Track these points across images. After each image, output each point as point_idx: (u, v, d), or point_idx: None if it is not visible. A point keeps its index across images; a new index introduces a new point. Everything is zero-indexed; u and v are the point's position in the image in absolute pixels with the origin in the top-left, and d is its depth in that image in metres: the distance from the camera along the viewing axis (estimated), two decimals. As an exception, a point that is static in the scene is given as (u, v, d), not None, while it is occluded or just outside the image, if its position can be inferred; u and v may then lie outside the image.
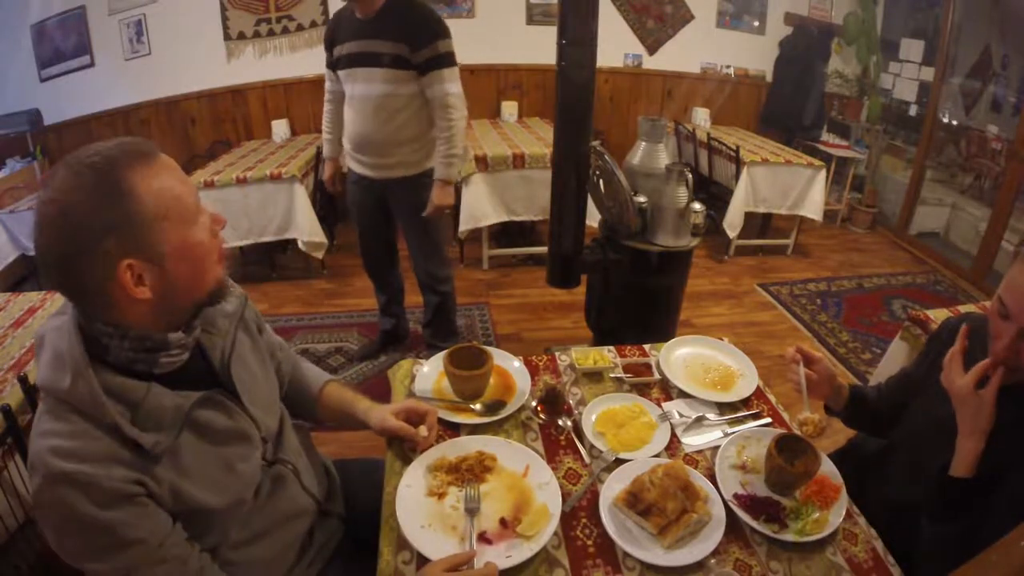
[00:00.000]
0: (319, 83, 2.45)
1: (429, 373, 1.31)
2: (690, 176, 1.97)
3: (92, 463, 0.70)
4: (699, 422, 1.20)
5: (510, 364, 1.32)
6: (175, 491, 0.77)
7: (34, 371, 1.42)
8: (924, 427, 1.09)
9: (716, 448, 1.12)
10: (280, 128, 4.18)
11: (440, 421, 1.14)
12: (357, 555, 1.07)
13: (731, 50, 4.59)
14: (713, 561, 0.91)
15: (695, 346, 1.44)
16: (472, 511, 0.95)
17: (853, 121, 4.62)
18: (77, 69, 3.92)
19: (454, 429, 1.16)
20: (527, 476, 1.03)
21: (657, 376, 1.34)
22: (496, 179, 3.38)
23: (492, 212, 3.43)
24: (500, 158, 3.34)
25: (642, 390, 1.30)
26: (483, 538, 0.92)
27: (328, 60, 2.20)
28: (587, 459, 1.10)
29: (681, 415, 1.21)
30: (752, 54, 4.63)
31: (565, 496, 1.00)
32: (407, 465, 1.05)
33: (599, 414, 1.21)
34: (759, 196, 3.75)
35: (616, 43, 4.21)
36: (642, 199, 2.02)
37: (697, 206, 2.03)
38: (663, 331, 2.18)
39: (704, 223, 2.07)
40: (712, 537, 0.93)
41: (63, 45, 3.87)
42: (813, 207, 3.76)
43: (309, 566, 1.01)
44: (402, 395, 1.26)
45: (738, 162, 3.63)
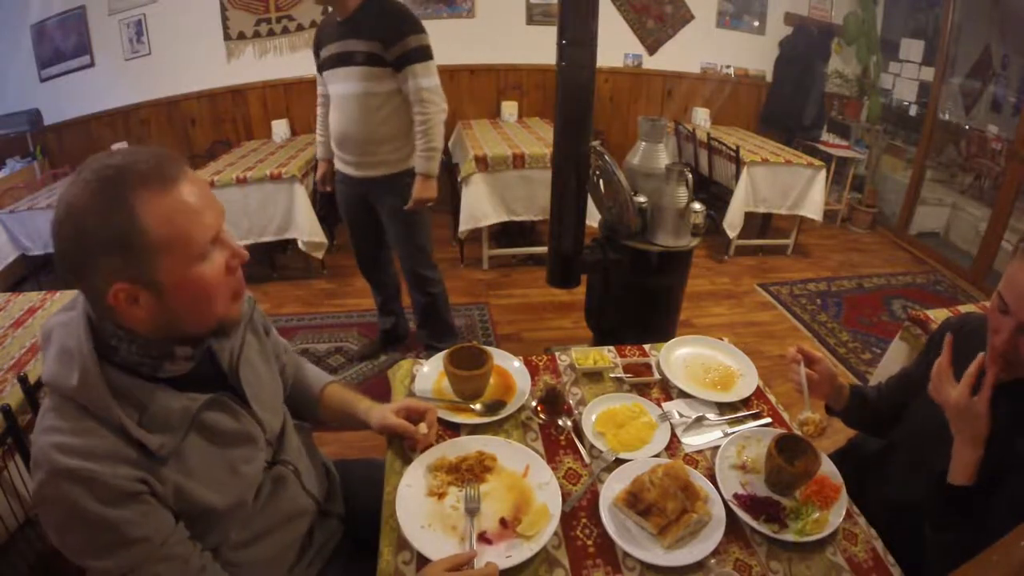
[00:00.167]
0: (319, 83, 2.46)
1: (429, 373, 1.31)
2: (690, 176, 1.97)
3: (97, 461, 0.70)
4: (699, 422, 1.20)
5: (510, 364, 1.32)
6: (179, 491, 0.77)
7: (34, 371, 1.43)
8: (924, 427, 1.08)
9: (716, 448, 1.12)
10: (280, 128, 4.18)
11: (440, 421, 1.14)
12: (357, 555, 1.07)
13: (731, 50, 4.60)
14: (713, 561, 0.91)
15: (695, 346, 1.44)
16: (472, 511, 0.95)
17: (853, 121, 4.62)
18: (77, 69, 3.92)
19: (454, 429, 1.16)
20: (527, 476, 1.03)
21: (657, 376, 1.34)
22: (496, 179, 3.38)
23: (492, 212, 3.43)
24: (500, 158, 3.34)
25: (642, 390, 1.30)
26: (483, 538, 0.92)
27: (316, 64, 2.25)
28: (587, 459, 1.10)
29: (681, 415, 1.21)
30: (752, 54, 4.63)
31: (565, 496, 1.00)
32: (407, 465, 1.05)
33: (599, 414, 1.21)
34: (759, 196, 3.75)
35: (616, 43, 4.21)
36: (642, 199, 2.02)
37: (697, 206, 2.03)
38: (663, 331, 2.18)
39: (704, 223, 2.07)
40: (712, 537, 0.93)
41: (63, 45, 3.87)
42: (813, 207, 3.77)
43: (309, 566, 1.01)
44: (402, 395, 1.26)
45: (738, 162, 3.63)
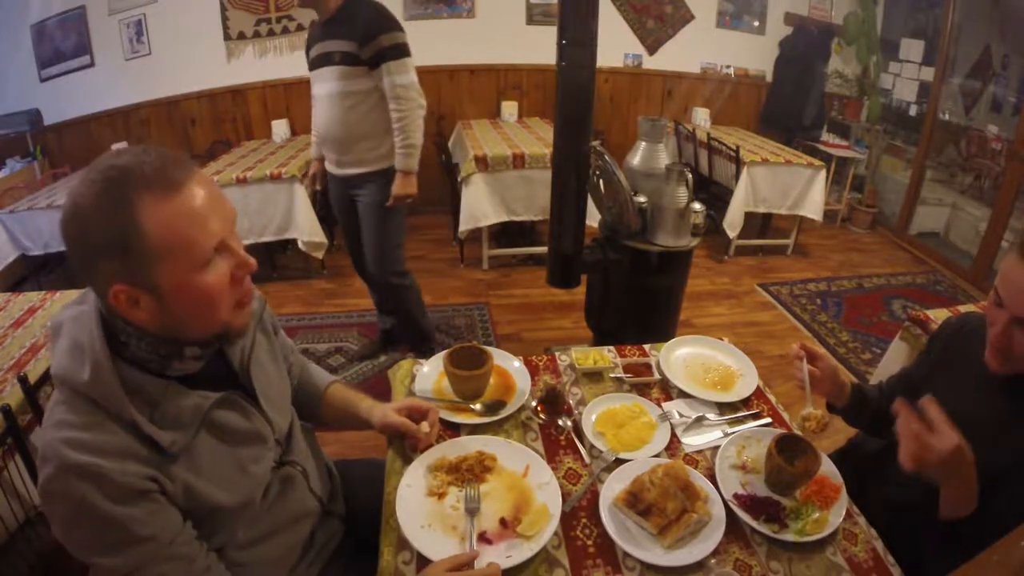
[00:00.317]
0: (319, 83, 2.46)
1: (429, 373, 1.31)
2: (690, 176, 1.97)
3: (107, 457, 0.69)
4: (699, 422, 1.20)
5: (510, 364, 1.32)
6: (188, 489, 0.76)
7: (34, 371, 1.43)
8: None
9: (716, 448, 1.12)
10: (280, 128, 4.18)
11: (440, 421, 1.14)
12: (357, 555, 1.07)
13: (731, 50, 4.60)
14: (713, 561, 0.91)
15: (695, 346, 1.44)
16: (472, 511, 0.95)
17: (853, 121, 4.62)
18: (77, 69, 3.92)
19: (454, 429, 1.16)
20: (527, 476, 1.03)
21: (657, 376, 1.34)
22: (496, 179, 3.39)
23: (492, 212, 3.43)
24: (500, 158, 3.34)
25: (642, 390, 1.30)
26: (483, 538, 0.92)
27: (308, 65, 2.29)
28: (587, 459, 1.10)
29: (681, 415, 1.21)
30: (752, 54, 4.63)
31: (565, 496, 1.00)
32: (407, 465, 1.05)
33: (599, 414, 1.21)
34: (759, 196, 3.75)
35: (616, 43, 4.19)
36: (642, 199, 2.02)
37: (697, 206, 2.03)
38: (663, 331, 2.18)
39: (704, 223, 2.07)
40: (712, 537, 0.93)
41: (63, 45, 3.87)
42: (813, 207, 3.77)
43: (310, 566, 1.01)
44: (402, 395, 1.26)
45: (738, 162, 3.63)
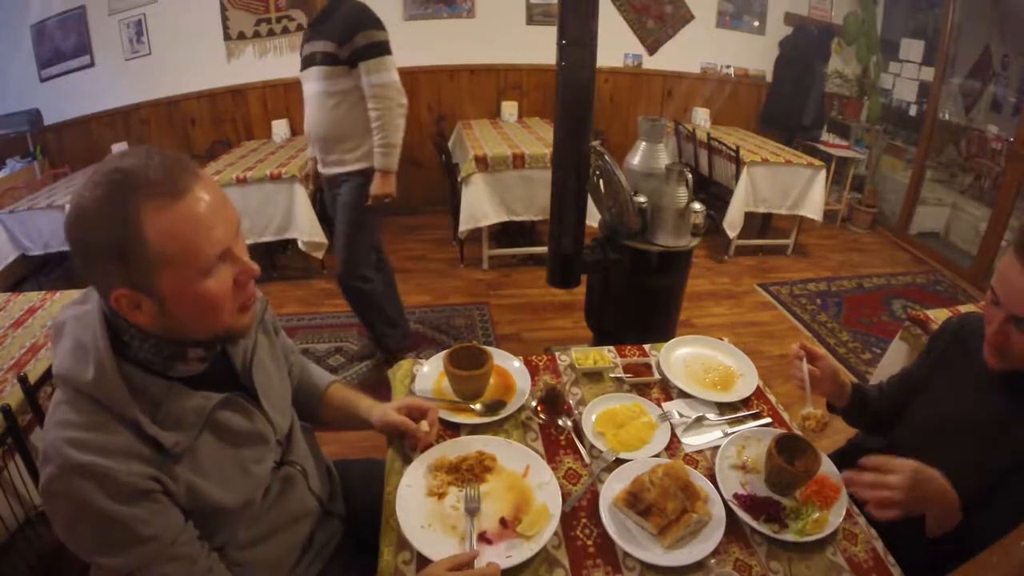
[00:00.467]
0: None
1: (429, 373, 1.31)
2: (690, 176, 1.97)
3: (110, 457, 0.69)
4: (699, 422, 1.20)
5: (510, 364, 1.32)
6: (191, 490, 0.76)
7: (34, 371, 1.43)
8: (924, 427, 1.09)
9: (716, 448, 1.12)
10: (280, 128, 4.18)
11: (440, 421, 1.14)
12: (357, 555, 1.07)
13: (731, 50, 4.60)
14: (713, 561, 0.91)
15: (695, 346, 1.44)
16: (472, 511, 0.95)
17: (853, 121, 4.62)
18: (77, 69, 3.92)
19: (454, 429, 1.16)
20: (527, 476, 1.03)
21: (657, 376, 1.34)
22: (496, 179, 3.38)
23: (492, 212, 3.43)
24: (500, 158, 3.34)
25: (642, 390, 1.30)
26: (483, 538, 0.92)
27: None
28: (587, 459, 1.10)
29: (681, 415, 1.21)
30: (752, 54, 4.63)
31: (565, 496, 1.00)
32: (407, 465, 1.05)
33: (599, 414, 1.21)
34: (759, 196, 3.75)
35: (616, 43, 4.20)
36: (642, 199, 2.02)
37: (697, 206, 2.03)
38: (663, 331, 2.18)
39: (704, 223, 2.07)
40: (712, 537, 0.93)
41: (63, 45, 3.87)
42: (813, 207, 3.77)
43: (309, 566, 1.01)
44: (402, 395, 1.26)
45: (738, 162, 3.63)
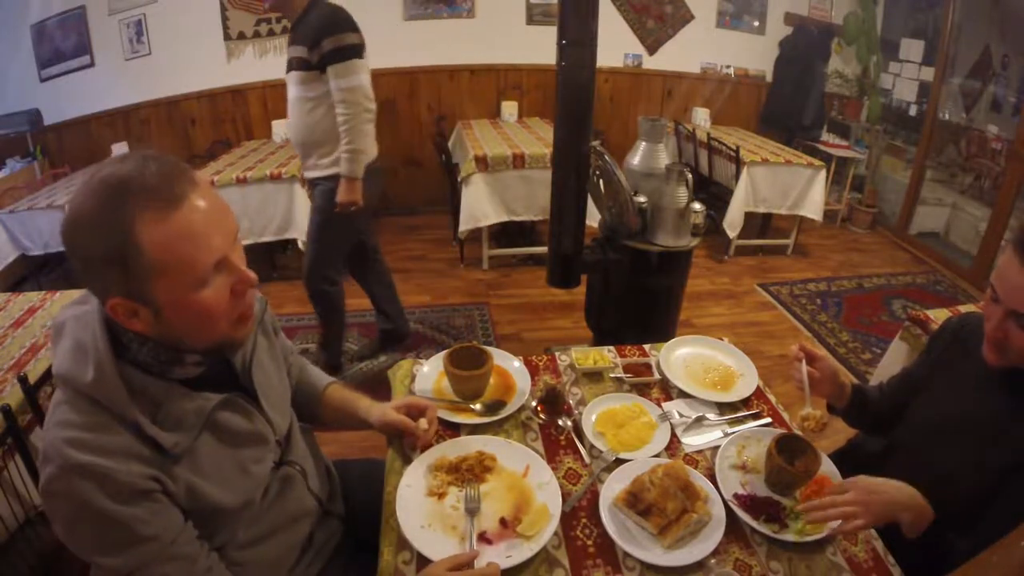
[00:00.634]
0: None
1: (429, 373, 1.31)
2: (690, 176, 1.97)
3: (110, 457, 0.69)
4: (699, 422, 1.20)
5: (510, 364, 1.32)
6: (191, 490, 0.77)
7: (34, 371, 1.43)
8: (924, 427, 1.09)
9: (716, 448, 1.12)
10: (280, 128, 4.16)
11: (440, 421, 1.14)
12: (357, 555, 1.07)
13: (731, 50, 4.59)
14: (713, 561, 0.91)
15: (695, 346, 1.44)
16: (472, 511, 0.95)
17: (853, 121, 4.62)
18: (77, 69, 3.91)
19: (454, 429, 1.16)
20: (527, 476, 1.03)
21: (657, 376, 1.34)
22: (496, 179, 3.38)
23: (492, 212, 3.43)
24: (500, 158, 3.34)
25: (642, 390, 1.30)
26: (483, 538, 0.92)
27: None
28: (587, 459, 1.10)
29: (681, 415, 1.21)
30: (752, 54, 4.63)
31: (565, 496, 1.00)
32: (407, 464, 1.05)
33: (599, 414, 1.21)
34: (759, 196, 3.75)
35: (616, 43, 4.20)
36: (642, 199, 2.02)
37: (697, 206, 2.03)
38: (663, 331, 2.18)
39: (704, 223, 2.07)
40: (712, 537, 0.93)
41: (63, 45, 3.87)
42: (813, 207, 3.77)
43: (309, 566, 1.01)
44: (402, 395, 1.26)
45: (738, 162, 3.63)
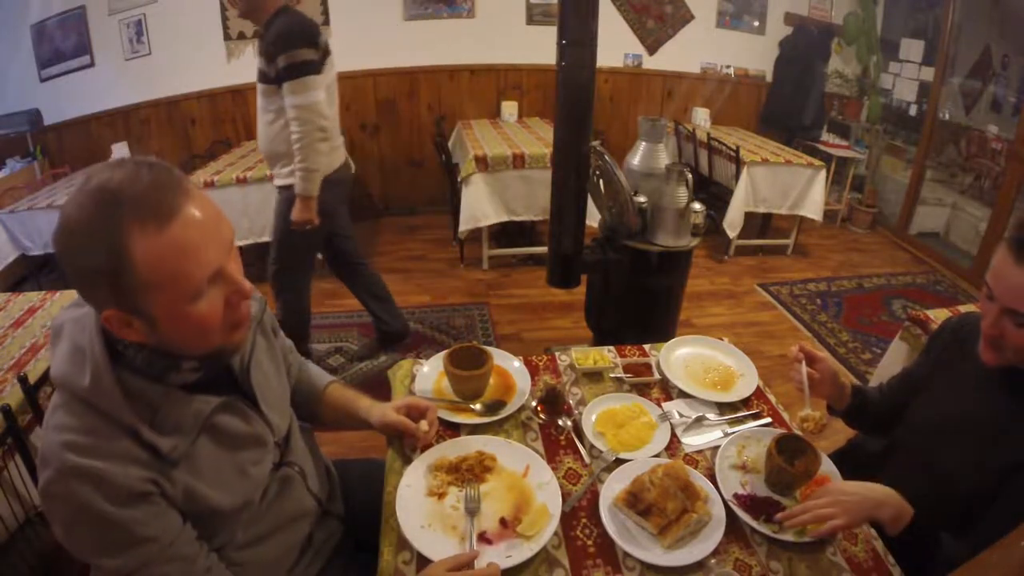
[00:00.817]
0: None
1: (429, 373, 1.31)
2: (690, 176, 1.97)
3: (107, 460, 0.69)
4: (699, 422, 1.20)
5: (510, 364, 1.32)
6: (189, 492, 0.76)
7: (34, 371, 1.43)
8: (924, 427, 1.09)
9: (716, 448, 1.12)
10: (280, 128, 4.17)
11: (440, 421, 1.14)
12: (357, 555, 1.07)
13: (731, 50, 4.59)
14: (713, 561, 0.91)
15: (695, 346, 1.44)
16: (472, 511, 0.95)
17: (853, 121, 4.62)
18: (77, 69, 3.91)
19: (454, 429, 1.16)
20: (527, 476, 1.03)
21: (657, 376, 1.34)
22: (496, 179, 3.39)
23: (492, 212, 3.43)
24: (500, 158, 3.34)
25: (642, 390, 1.30)
26: (483, 538, 0.92)
27: None
28: (587, 459, 1.10)
29: (681, 415, 1.21)
30: (752, 54, 4.63)
31: (565, 496, 1.00)
32: (407, 464, 1.05)
33: (599, 414, 1.21)
34: (759, 196, 3.75)
35: (616, 43, 4.19)
36: (642, 199, 2.02)
37: (697, 206, 2.03)
38: (663, 331, 2.18)
39: (704, 223, 2.07)
40: (712, 537, 0.93)
41: (63, 45, 3.87)
42: (813, 207, 3.77)
43: (308, 566, 1.01)
44: (402, 395, 1.26)
45: (738, 162, 3.63)
